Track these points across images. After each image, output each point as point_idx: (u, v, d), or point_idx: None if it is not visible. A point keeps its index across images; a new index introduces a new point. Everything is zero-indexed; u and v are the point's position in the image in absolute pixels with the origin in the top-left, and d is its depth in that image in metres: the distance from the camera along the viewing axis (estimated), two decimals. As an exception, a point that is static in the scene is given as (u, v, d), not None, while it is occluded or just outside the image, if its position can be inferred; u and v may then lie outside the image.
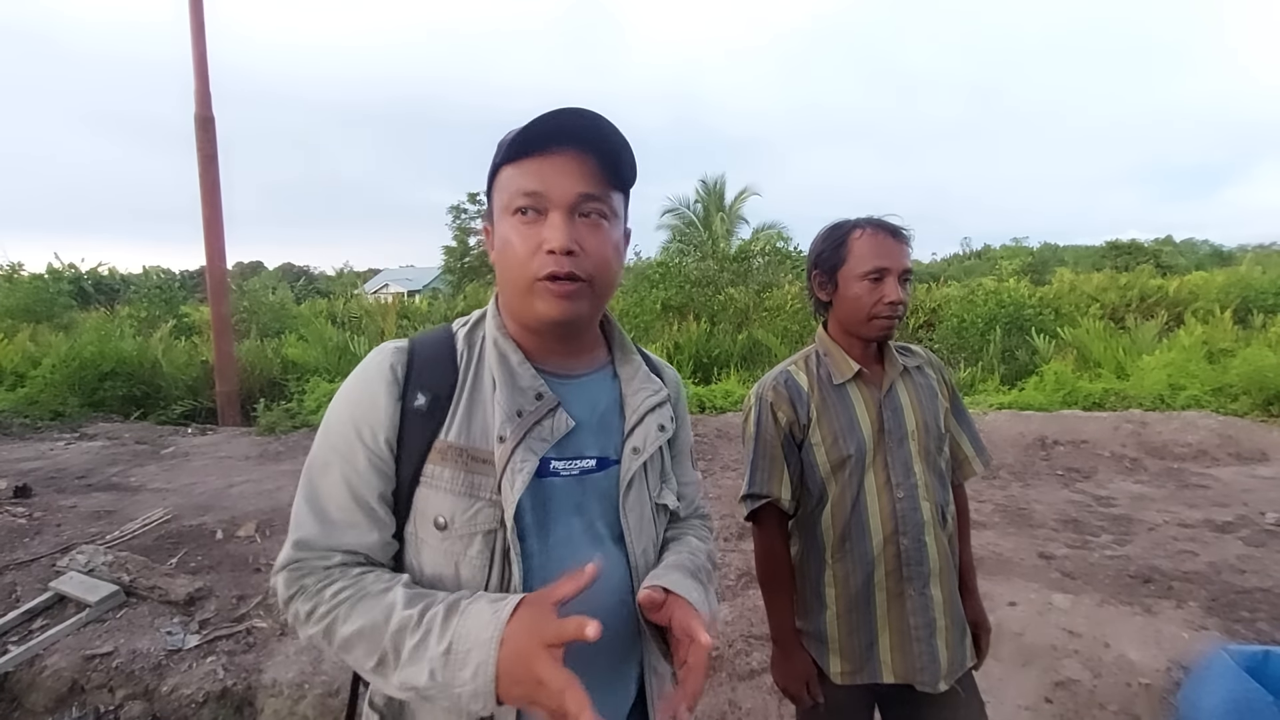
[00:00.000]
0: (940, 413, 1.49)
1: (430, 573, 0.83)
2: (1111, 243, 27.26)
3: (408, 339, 0.91)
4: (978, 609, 1.55)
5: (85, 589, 3.09)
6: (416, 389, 0.85)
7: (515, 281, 0.83)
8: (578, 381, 0.92)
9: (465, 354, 0.89)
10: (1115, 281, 15.22)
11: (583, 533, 0.87)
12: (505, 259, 0.84)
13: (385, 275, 44.10)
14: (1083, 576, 3.50)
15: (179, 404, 8.40)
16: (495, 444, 0.82)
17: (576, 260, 0.81)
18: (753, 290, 11.38)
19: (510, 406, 0.84)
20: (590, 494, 0.89)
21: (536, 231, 0.81)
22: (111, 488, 5.03)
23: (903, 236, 1.42)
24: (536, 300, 0.82)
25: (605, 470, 0.90)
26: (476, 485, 0.82)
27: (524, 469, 0.81)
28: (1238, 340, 9.19)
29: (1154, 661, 2.72)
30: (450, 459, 0.82)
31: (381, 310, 14.39)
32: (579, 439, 0.88)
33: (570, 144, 0.81)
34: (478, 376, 0.87)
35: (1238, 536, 4.03)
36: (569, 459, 0.87)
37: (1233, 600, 3.24)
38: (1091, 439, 5.92)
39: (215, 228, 8.14)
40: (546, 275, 0.80)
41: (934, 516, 1.42)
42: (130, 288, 16.38)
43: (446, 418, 0.84)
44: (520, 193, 0.81)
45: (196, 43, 7.87)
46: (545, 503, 0.85)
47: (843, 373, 1.45)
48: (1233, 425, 6.22)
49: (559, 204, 0.81)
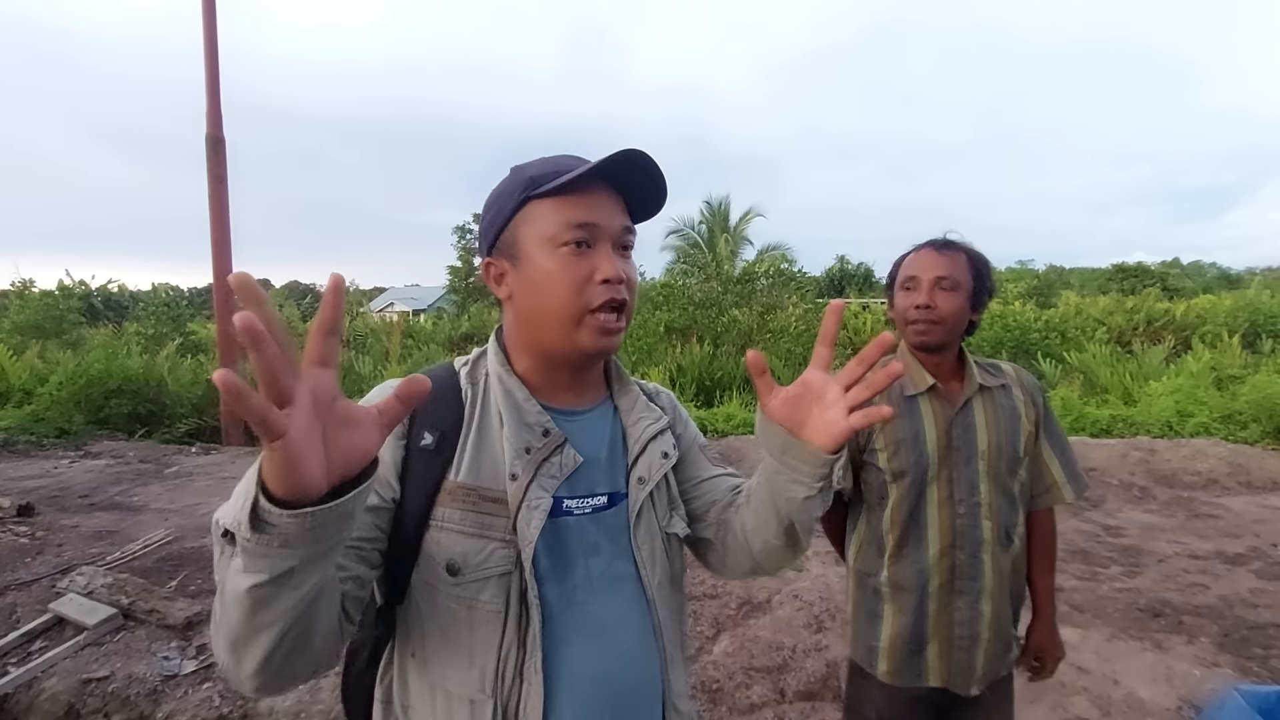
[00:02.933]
0: (1020, 435, 1.48)
1: (443, 621, 0.79)
2: (1117, 265, 27.22)
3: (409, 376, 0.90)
4: (1050, 636, 1.56)
5: (84, 611, 3.08)
6: (423, 428, 0.82)
7: (560, 314, 0.82)
8: (583, 417, 0.91)
9: (470, 391, 0.87)
10: (1121, 305, 15.17)
11: (601, 574, 0.85)
12: (548, 291, 0.82)
13: (391, 294, 44.34)
14: (1092, 610, 3.44)
15: (184, 423, 8.42)
16: (507, 482, 0.80)
17: (621, 289, 0.83)
18: (757, 312, 11.36)
19: (519, 443, 0.82)
20: (604, 533, 0.86)
21: (586, 263, 0.81)
22: (114, 507, 5.03)
23: (949, 248, 1.47)
24: (583, 333, 0.82)
25: (616, 506, 0.88)
26: (487, 526, 0.79)
27: (540, 505, 0.80)
28: (1246, 366, 9.12)
29: (1164, 700, 2.67)
30: (459, 499, 0.80)
31: (387, 329, 14.46)
32: (590, 476, 0.87)
33: (608, 180, 0.83)
34: (484, 414, 0.85)
35: (1249, 569, 3.97)
36: (580, 497, 0.85)
37: (1245, 636, 3.18)
38: (1100, 466, 5.86)
39: (223, 248, 8.21)
40: (604, 304, 0.81)
41: (995, 536, 1.44)
42: (139, 304, 16.52)
43: (455, 457, 0.82)
44: (571, 225, 0.81)
45: (209, 63, 7.99)
46: (562, 544, 0.83)
47: (916, 385, 1.48)
48: (1242, 453, 6.15)
49: (608, 237, 0.83)
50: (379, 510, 0.79)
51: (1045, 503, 1.55)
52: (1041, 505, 1.56)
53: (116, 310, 18.24)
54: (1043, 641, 1.55)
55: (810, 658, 2.93)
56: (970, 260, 1.47)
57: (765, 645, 3.01)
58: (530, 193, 0.82)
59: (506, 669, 0.78)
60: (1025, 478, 1.51)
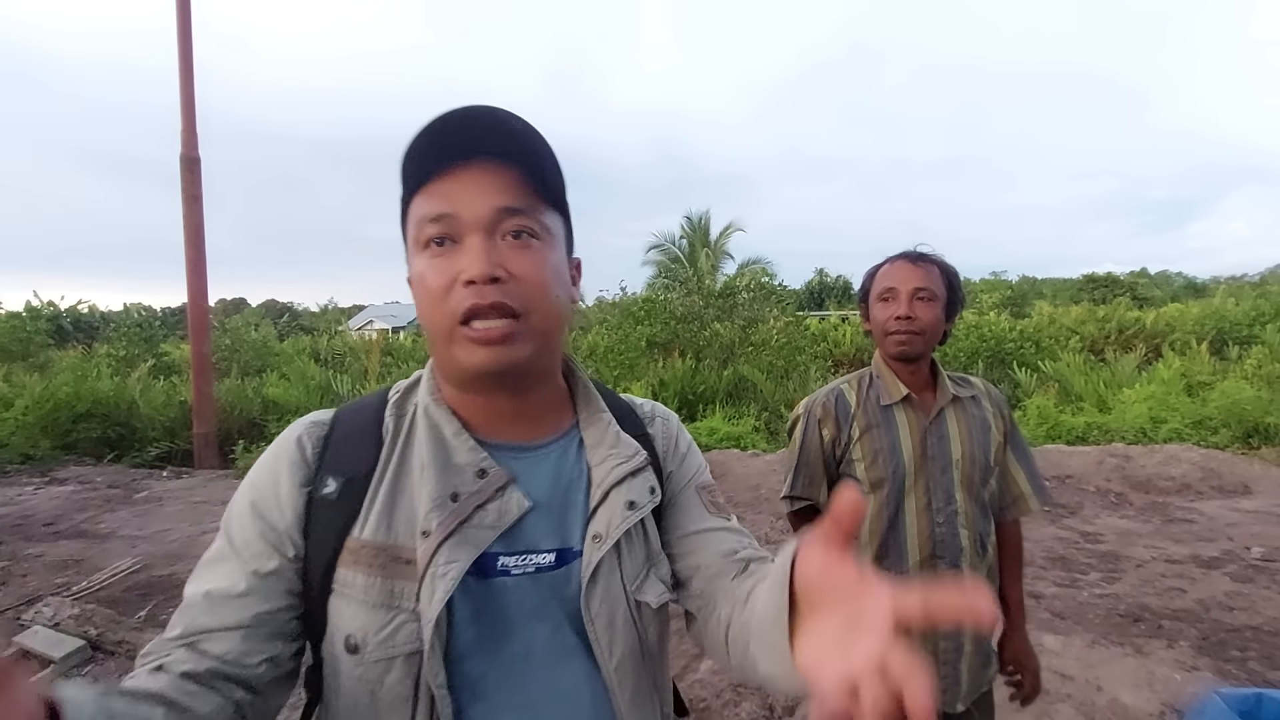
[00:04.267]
0: (991, 445, 1.51)
1: (348, 703, 0.66)
2: (1088, 275, 27.83)
3: (335, 409, 0.77)
4: (1022, 646, 1.56)
5: (50, 644, 2.98)
6: (328, 472, 0.70)
7: (435, 329, 0.68)
8: (535, 454, 0.75)
9: (392, 427, 0.73)
10: (1093, 314, 15.51)
11: (545, 645, 0.70)
12: (421, 305, 0.68)
13: (370, 311, 43.97)
14: (1073, 616, 3.47)
15: (155, 446, 8.24)
16: (419, 540, 0.66)
17: (504, 288, 0.65)
18: (738, 326, 11.41)
19: (441, 490, 0.67)
20: (551, 596, 0.71)
21: (452, 263, 0.66)
22: (80, 535, 4.89)
23: (923, 260, 1.49)
24: (457, 349, 0.66)
25: (566, 566, 0.72)
26: (397, 594, 0.65)
27: (450, 571, 0.64)
28: (1215, 372, 9.35)
29: (1147, 705, 2.69)
30: (364, 561, 0.66)
31: (365, 347, 14.31)
32: (533, 528, 0.71)
33: (481, 154, 0.66)
34: (405, 455, 0.71)
35: (1225, 572, 4.03)
36: (521, 553, 0.70)
37: (1223, 639, 3.22)
38: (1076, 473, 5.94)
39: (198, 268, 8.09)
40: (467, 312, 0.65)
41: (973, 545, 1.46)
42: (110, 325, 16.20)
43: (362, 508, 0.68)
44: (426, 220, 0.66)
45: (184, 84, 7.92)
46: (496, 610, 0.68)
47: (891, 395, 1.50)
48: (1214, 458, 6.27)
49: (474, 224, 0.66)
50: (279, 574, 0.67)
51: (1013, 514, 1.58)
52: (1009, 516, 1.58)
53: (87, 331, 17.85)
54: (1016, 652, 1.56)
55: (796, 672, 2.92)
56: (942, 271, 1.50)
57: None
58: (407, 190, 0.70)
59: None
60: (994, 488, 1.54)
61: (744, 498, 5.57)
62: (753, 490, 5.73)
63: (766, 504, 5.43)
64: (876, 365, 1.56)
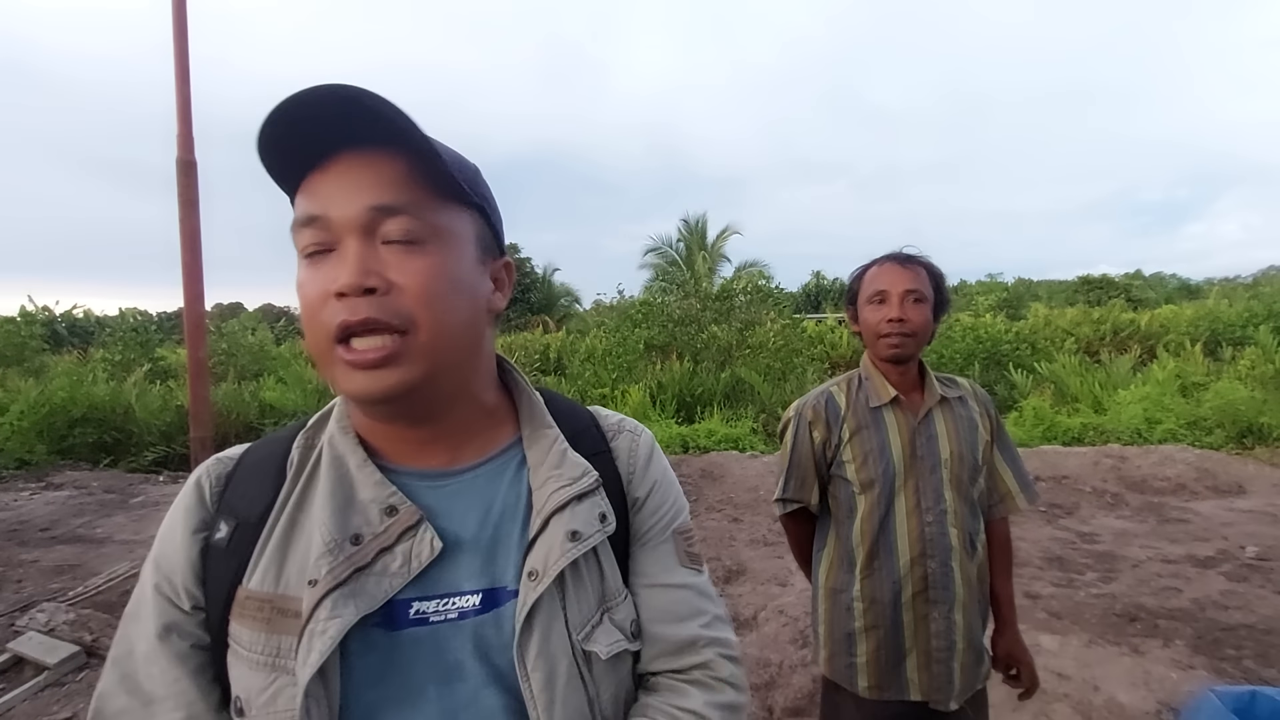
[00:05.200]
0: (979, 445, 1.53)
1: None
2: (1083, 277, 27.90)
3: (247, 444, 0.70)
4: (1015, 642, 1.58)
5: (44, 650, 2.96)
6: (221, 516, 0.63)
7: (313, 349, 0.59)
8: (459, 480, 0.66)
9: (296, 461, 0.65)
10: (1088, 316, 15.55)
11: (467, 708, 0.60)
12: (302, 321, 0.60)
13: (367, 315, 43.77)
14: (1069, 616, 3.48)
15: (151, 450, 8.21)
16: (306, 589, 0.58)
17: (382, 301, 0.56)
18: (735, 328, 11.43)
19: (337, 533, 0.59)
20: (473, 648, 0.61)
21: (325, 274, 0.57)
22: (76, 540, 4.87)
23: (911, 262, 1.50)
24: (337, 373, 0.58)
25: (498, 609, 0.62)
26: (283, 651, 0.58)
27: (329, 630, 0.56)
28: (1209, 373, 9.39)
29: (1144, 704, 2.70)
30: (250, 614, 0.59)
31: (362, 351, 14.26)
32: (455, 566, 0.62)
33: (351, 143, 0.57)
34: (306, 493, 0.63)
35: (1220, 572, 4.04)
36: (440, 597, 0.61)
37: (1218, 638, 3.23)
38: (1072, 474, 5.96)
39: (194, 272, 8.05)
40: (340, 329, 0.56)
41: (962, 543, 1.47)
42: (105, 330, 16.15)
43: (252, 555, 0.61)
44: (298, 224, 0.58)
45: (180, 86, 7.88)
46: (400, 667, 0.59)
47: (879, 397, 1.51)
48: (1209, 458, 6.30)
49: (344, 226, 0.57)
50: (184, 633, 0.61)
51: (1001, 512, 1.60)
52: (997, 514, 1.60)
53: (82, 336, 17.78)
54: (1010, 648, 1.57)
55: (797, 673, 2.92)
56: (930, 273, 1.51)
57: (752, 662, 2.99)
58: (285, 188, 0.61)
59: None
60: (983, 486, 1.55)
61: (743, 499, 5.57)
62: (751, 492, 5.74)
63: (764, 505, 5.43)
64: (865, 367, 1.58)
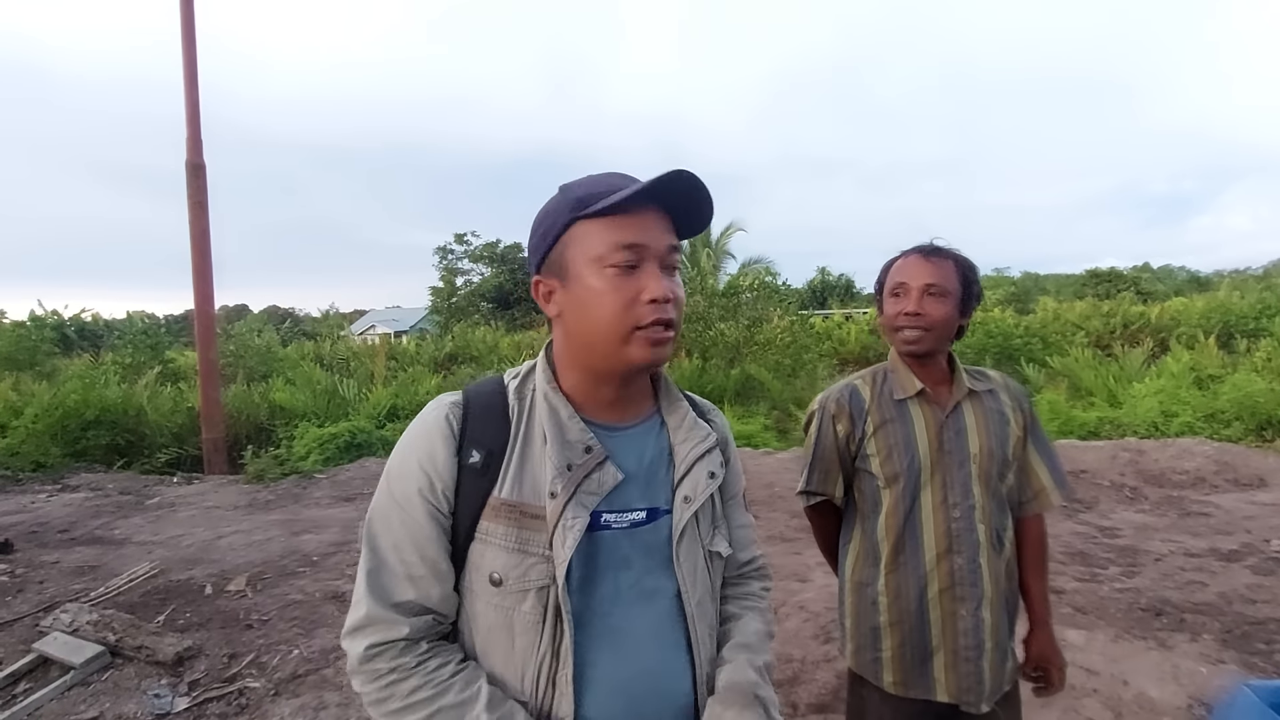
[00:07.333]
0: (1009, 439, 1.49)
1: (485, 626, 0.85)
2: (1091, 271, 27.75)
3: (462, 391, 0.93)
4: (1048, 643, 1.54)
5: (69, 650, 2.96)
6: (472, 445, 0.86)
7: (608, 331, 0.84)
8: (626, 433, 0.92)
9: (516, 408, 0.90)
10: (1098, 309, 15.48)
11: (630, 588, 0.87)
12: (595, 310, 0.84)
13: (372, 316, 43.98)
14: (1094, 611, 3.45)
15: (164, 452, 8.23)
16: (547, 500, 0.83)
17: (670, 308, 0.85)
18: (743, 325, 11.40)
19: (560, 461, 0.84)
20: (638, 547, 0.89)
21: (633, 283, 0.83)
22: (95, 541, 4.88)
23: (936, 255, 1.46)
24: (632, 348, 0.84)
25: (655, 522, 0.90)
26: (527, 541, 0.83)
27: (575, 525, 0.82)
28: (1224, 365, 9.31)
29: (1174, 699, 2.67)
30: (503, 515, 0.84)
31: (370, 352, 14.31)
32: (627, 491, 0.89)
33: (657, 200, 0.85)
34: (529, 431, 0.88)
35: (1245, 565, 4.01)
36: (618, 511, 0.87)
37: (1247, 631, 3.20)
38: (1090, 469, 5.92)
39: (205, 274, 8.09)
40: (652, 323, 0.83)
41: (989, 539, 1.44)
42: (114, 333, 16.21)
43: (500, 474, 0.86)
44: (618, 246, 0.82)
45: (189, 90, 7.93)
46: (594, 557, 0.86)
47: (905, 390, 1.49)
48: (1228, 451, 6.25)
49: (654, 257, 0.84)
50: (444, 530, 0.85)
51: (1035, 508, 1.55)
52: (1031, 511, 1.55)
53: (91, 340, 17.85)
54: (1043, 650, 1.53)
55: (820, 669, 2.90)
56: (958, 266, 1.47)
57: (775, 658, 2.97)
58: (578, 213, 0.84)
59: (541, 676, 0.82)
60: (1013, 482, 1.51)
61: (758, 496, 5.55)
62: (767, 488, 5.72)
63: (781, 501, 5.41)
64: (891, 360, 1.55)
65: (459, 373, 12.05)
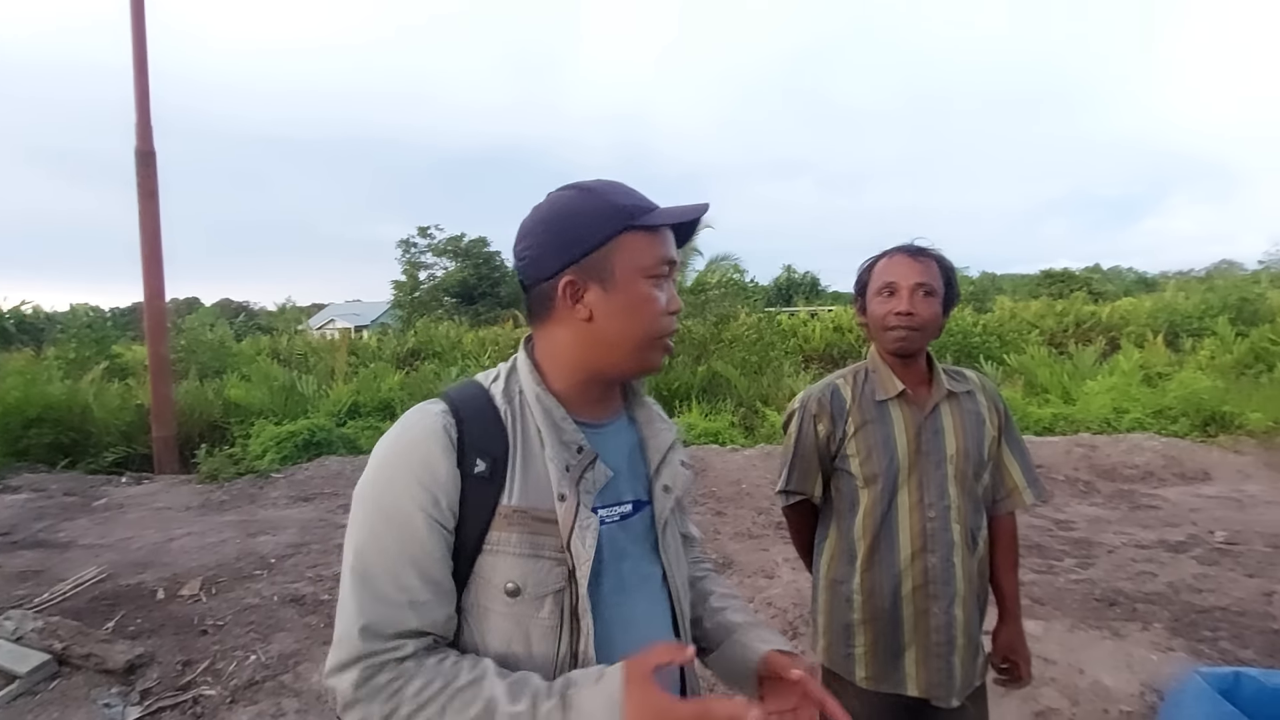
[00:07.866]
0: (985, 440, 1.51)
1: (500, 640, 0.82)
2: (1046, 271, 28.62)
3: (443, 399, 0.90)
4: (1017, 635, 1.57)
5: (14, 659, 2.83)
6: (474, 453, 0.84)
7: (641, 338, 0.89)
8: (606, 429, 0.95)
9: (508, 412, 0.89)
10: (1052, 309, 15.96)
11: (630, 576, 0.91)
12: (640, 317, 0.88)
13: (331, 310, 43.03)
14: (1051, 602, 3.55)
15: (111, 451, 7.89)
16: (556, 502, 0.83)
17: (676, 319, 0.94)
18: (710, 322, 11.43)
19: (561, 463, 0.86)
20: (629, 538, 0.92)
21: (661, 295, 0.89)
22: (39, 545, 4.67)
23: (922, 255, 1.47)
24: (653, 354, 0.91)
25: (640, 513, 0.94)
26: (540, 546, 0.83)
27: (591, 525, 0.84)
28: (1171, 363, 9.69)
29: (1128, 686, 2.76)
30: (514, 523, 0.83)
31: (330, 347, 13.97)
32: (616, 485, 0.91)
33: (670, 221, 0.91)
34: (524, 434, 0.88)
35: (1191, 556, 4.17)
36: (610, 506, 0.90)
37: (1194, 620, 3.33)
38: (1046, 463, 6.09)
39: (155, 265, 7.79)
40: (670, 332, 0.91)
41: (964, 539, 1.46)
42: (57, 327, 15.54)
43: (506, 481, 0.84)
44: (663, 260, 0.89)
45: (138, 76, 7.61)
46: (598, 553, 0.86)
47: (886, 390, 1.49)
48: (1175, 446, 6.50)
49: (673, 272, 0.92)
50: (449, 546, 0.82)
51: (1007, 507, 1.58)
52: (1004, 510, 1.58)
53: (31, 334, 17.06)
54: (1010, 642, 1.57)
55: (789, 665, 2.92)
56: (941, 266, 1.49)
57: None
58: (631, 223, 0.87)
59: None
60: (988, 481, 1.54)
61: (725, 492, 5.58)
62: (734, 485, 5.75)
63: (748, 498, 5.45)
64: (872, 360, 1.55)
65: (422, 369, 11.82)
